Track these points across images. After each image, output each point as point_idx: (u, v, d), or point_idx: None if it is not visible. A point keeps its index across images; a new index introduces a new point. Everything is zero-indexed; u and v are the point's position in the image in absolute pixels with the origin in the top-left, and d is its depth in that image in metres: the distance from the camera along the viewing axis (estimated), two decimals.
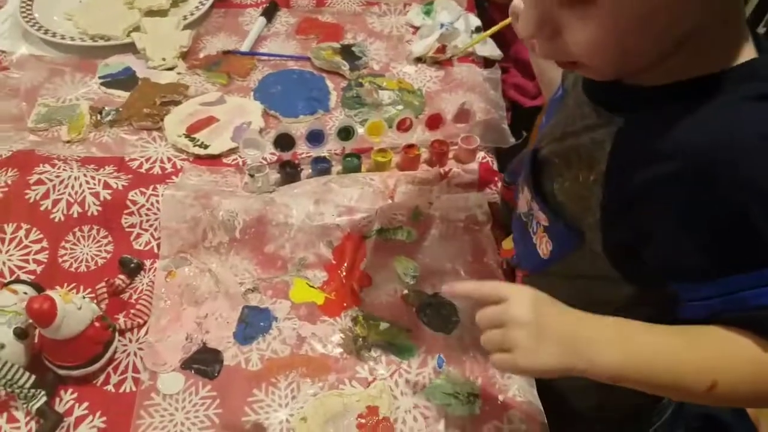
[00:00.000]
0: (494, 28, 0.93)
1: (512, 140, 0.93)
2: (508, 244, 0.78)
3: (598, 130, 0.52)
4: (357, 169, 0.87)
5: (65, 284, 0.74)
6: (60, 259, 0.77)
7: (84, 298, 0.66)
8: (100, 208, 0.80)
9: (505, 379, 0.66)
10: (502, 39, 1.11)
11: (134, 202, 0.80)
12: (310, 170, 0.87)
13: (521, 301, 0.50)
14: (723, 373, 0.48)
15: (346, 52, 1.06)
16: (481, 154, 0.91)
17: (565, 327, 0.50)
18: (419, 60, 1.06)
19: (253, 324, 0.72)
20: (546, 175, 0.60)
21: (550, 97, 0.68)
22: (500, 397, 0.65)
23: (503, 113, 0.98)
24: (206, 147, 0.89)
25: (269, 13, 1.14)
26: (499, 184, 0.87)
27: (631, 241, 0.52)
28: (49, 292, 0.61)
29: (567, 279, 0.62)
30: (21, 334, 0.63)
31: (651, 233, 0.50)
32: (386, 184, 0.84)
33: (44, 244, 0.78)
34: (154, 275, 0.76)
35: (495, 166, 0.90)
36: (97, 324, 0.65)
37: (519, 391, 0.65)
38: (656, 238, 0.50)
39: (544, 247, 0.63)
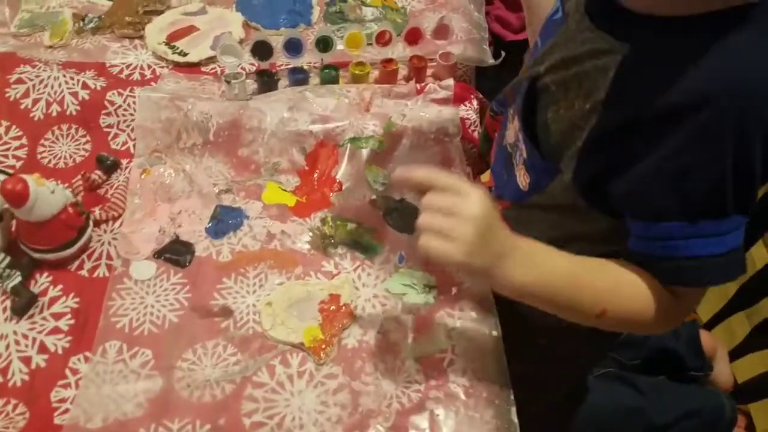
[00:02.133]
0: None
1: (491, 60, 0.93)
2: (485, 177, 0.79)
3: (601, 57, 0.51)
4: (334, 81, 0.88)
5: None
6: (39, 155, 0.79)
7: (58, 184, 0.68)
8: (78, 108, 0.81)
9: (461, 274, 0.69)
10: None
11: (112, 103, 0.81)
12: (287, 81, 0.88)
13: (479, 199, 0.50)
14: (613, 304, 0.53)
15: None
16: (458, 73, 0.91)
17: (500, 236, 0.52)
18: None
19: (225, 221, 0.74)
20: (541, 103, 0.58)
21: (547, 16, 0.65)
22: (454, 289, 0.68)
23: (485, 34, 0.98)
24: (185, 55, 0.90)
25: None
26: (474, 102, 0.88)
27: (603, 172, 0.53)
28: (22, 175, 0.63)
29: (544, 211, 0.63)
30: None
31: (628, 164, 0.50)
32: (362, 97, 0.85)
33: (24, 141, 0.79)
34: (129, 173, 0.78)
35: (472, 84, 0.91)
36: (70, 209, 0.67)
37: (473, 285, 0.68)
38: (631, 170, 0.50)
39: (523, 179, 0.64)
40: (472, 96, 0.89)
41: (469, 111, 0.87)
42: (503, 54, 0.93)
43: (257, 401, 0.60)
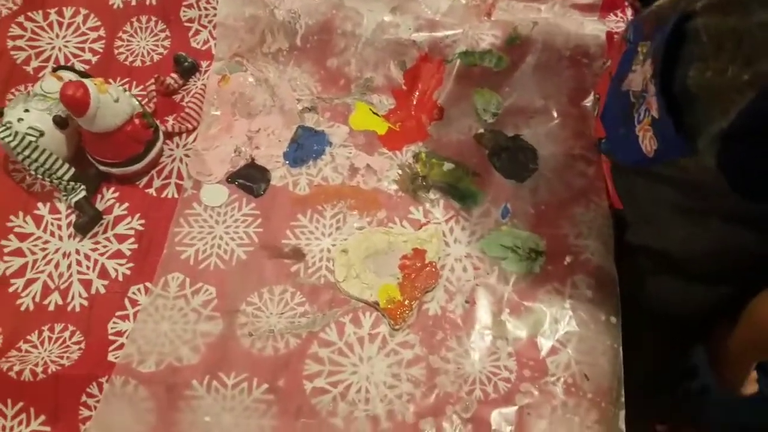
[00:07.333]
0: None
1: None
2: None
3: None
4: None
5: (118, 78, 0.70)
6: (116, 51, 0.72)
7: (125, 91, 0.61)
8: None
9: (580, 239, 0.56)
10: None
11: None
12: None
13: None
14: None
15: None
16: None
17: None
18: None
19: (305, 146, 0.65)
20: (685, 53, 0.45)
21: None
22: (568, 259, 0.56)
23: None
24: None
25: None
26: (627, 12, 0.69)
27: (755, 160, 0.41)
28: (84, 80, 0.56)
29: (672, 183, 0.49)
30: (61, 122, 0.59)
31: None
32: None
33: (101, 32, 0.72)
34: (207, 79, 0.69)
35: None
36: (136, 121, 0.60)
37: (594, 255, 0.55)
38: None
39: (648, 142, 0.48)
40: (626, 3, 0.70)
41: (620, 23, 0.68)
42: None
43: (322, 362, 0.53)
